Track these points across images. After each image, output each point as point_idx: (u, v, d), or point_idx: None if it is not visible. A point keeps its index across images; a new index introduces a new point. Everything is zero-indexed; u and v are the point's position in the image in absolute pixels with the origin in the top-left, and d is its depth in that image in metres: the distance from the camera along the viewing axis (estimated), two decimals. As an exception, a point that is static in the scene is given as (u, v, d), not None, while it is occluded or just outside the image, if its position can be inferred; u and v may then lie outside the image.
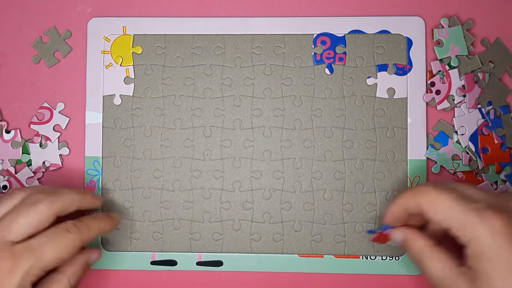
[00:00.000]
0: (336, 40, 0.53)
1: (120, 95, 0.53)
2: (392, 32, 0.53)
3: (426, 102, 0.52)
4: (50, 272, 0.45)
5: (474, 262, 0.41)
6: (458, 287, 0.42)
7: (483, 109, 0.52)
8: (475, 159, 0.52)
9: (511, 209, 0.42)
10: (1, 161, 0.53)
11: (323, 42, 0.53)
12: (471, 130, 0.52)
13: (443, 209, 0.42)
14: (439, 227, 0.43)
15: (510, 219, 0.41)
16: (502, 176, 0.52)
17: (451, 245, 0.43)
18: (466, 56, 0.52)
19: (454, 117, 0.52)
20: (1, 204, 0.46)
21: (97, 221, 0.48)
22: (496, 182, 0.52)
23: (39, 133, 0.53)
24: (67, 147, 0.53)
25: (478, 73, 0.52)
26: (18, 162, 0.53)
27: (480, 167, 0.52)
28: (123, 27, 0.53)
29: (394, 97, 0.52)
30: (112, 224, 0.50)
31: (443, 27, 0.53)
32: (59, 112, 0.53)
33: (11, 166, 0.53)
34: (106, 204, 0.53)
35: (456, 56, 0.52)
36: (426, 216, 0.44)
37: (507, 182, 0.51)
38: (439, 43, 0.53)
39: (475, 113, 0.52)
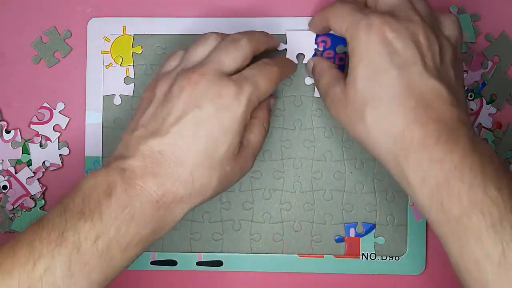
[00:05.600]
0: (336, 40, 0.53)
1: (120, 95, 0.53)
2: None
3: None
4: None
5: (349, 60, 0.44)
6: (333, 89, 0.46)
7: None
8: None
9: (403, 16, 0.43)
10: (1, 161, 0.53)
11: (324, 42, 0.53)
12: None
13: (338, 19, 0.45)
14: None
15: (391, 19, 0.43)
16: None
17: None
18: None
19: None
20: (200, 45, 0.46)
21: (285, 60, 0.50)
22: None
23: (39, 133, 0.53)
24: (67, 147, 0.53)
25: (488, 61, 0.53)
26: (18, 162, 0.53)
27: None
28: (123, 27, 0.53)
29: (394, 97, 0.52)
30: (292, 67, 0.51)
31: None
32: (59, 112, 0.53)
33: (11, 166, 0.53)
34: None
35: (464, 42, 0.52)
36: (332, 29, 0.47)
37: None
38: None
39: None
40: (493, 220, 0.37)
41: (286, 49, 0.52)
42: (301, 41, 0.52)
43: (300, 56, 0.53)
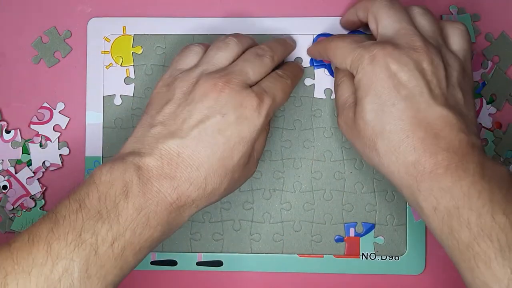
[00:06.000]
0: (336, 41, 0.53)
1: (120, 95, 0.53)
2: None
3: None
4: None
5: (356, 92, 0.45)
6: (347, 112, 0.47)
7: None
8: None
9: (406, 44, 0.43)
10: (1, 161, 0.53)
11: (323, 43, 0.53)
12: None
13: (339, 55, 0.46)
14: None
15: (394, 50, 0.43)
16: None
17: None
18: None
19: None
20: (222, 50, 0.46)
21: (294, 68, 0.51)
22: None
23: (39, 133, 0.53)
24: (67, 147, 0.53)
25: (488, 61, 0.53)
26: (18, 162, 0.53)
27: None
28: (123, 27, 0.53)
29: (394, 97, 0.52)
30: (300, 73, 0.52)
31: (452, 14, 0.53)
32: (59, 112, 0.53)
33: (11, 166, 0.53)
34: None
35: None
36: (335, 64, 0.48)
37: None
38: None
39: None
40: (501, 246, 0.38)
41: None
42: (299, 45, 0.53)
43: (298, 60, 0.53)
